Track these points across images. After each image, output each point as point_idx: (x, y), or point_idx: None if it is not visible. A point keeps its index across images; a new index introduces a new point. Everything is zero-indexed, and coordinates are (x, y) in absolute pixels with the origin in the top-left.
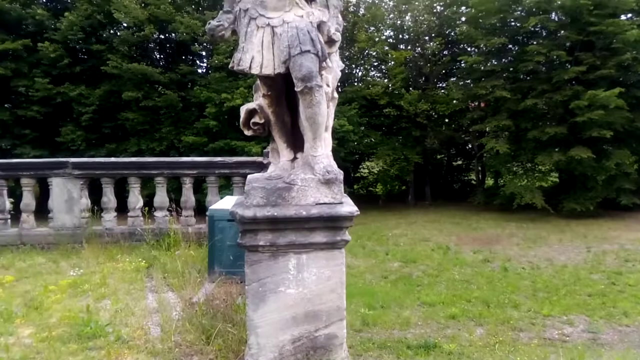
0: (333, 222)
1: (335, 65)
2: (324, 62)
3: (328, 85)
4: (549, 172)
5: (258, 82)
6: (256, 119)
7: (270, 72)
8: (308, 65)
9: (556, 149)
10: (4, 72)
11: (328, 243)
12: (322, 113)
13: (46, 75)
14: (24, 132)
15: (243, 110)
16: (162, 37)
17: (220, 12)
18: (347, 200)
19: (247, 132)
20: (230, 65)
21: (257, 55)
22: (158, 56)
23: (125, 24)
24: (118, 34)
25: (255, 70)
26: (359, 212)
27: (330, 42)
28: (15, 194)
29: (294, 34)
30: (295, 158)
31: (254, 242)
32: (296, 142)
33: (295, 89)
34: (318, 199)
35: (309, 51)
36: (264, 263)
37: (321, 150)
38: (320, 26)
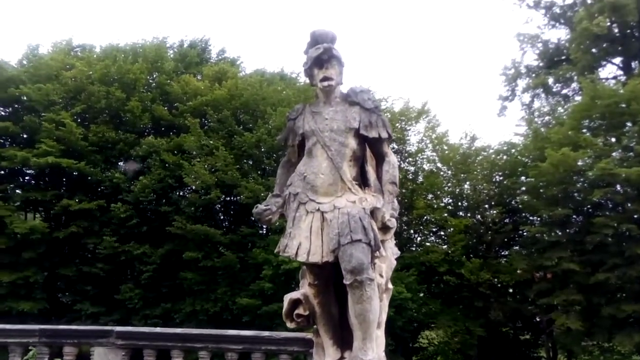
0: None
1: (390, 253)
2: (377, 252)
3: (381, 276)
4: (630, 354)
5: (304, 268)
6: (300, 310)
7: (318, 260)
8: (359, 257)
9: (636, 328)
10: (77, 230)
11: None
12: (373, 310)
13: (114, 234)
14: (86, 289)
15: (286, 300)
16: (227, 199)
17: (269, 195)
18: None
19: (290, 325)
20: (275, 251)
21: (304, 241)
22: (221, 217)
23: (193, 187)
24: (186, 195)
25: (301, 258)
26: None
27: (384, 228)
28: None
29: (344, 221)
30: (342, 358)
31: None
32: (344, 337)
33: (345, 281)
34: None
35: (360, 240)
36: None
37: (372, 353)
38: (373, 212)
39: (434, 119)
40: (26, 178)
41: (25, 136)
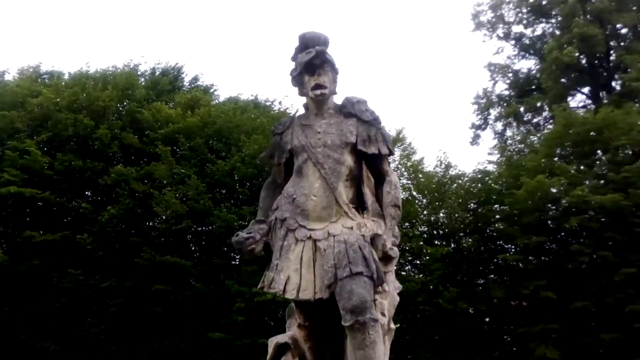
0: None
1: (392, 287)
2: (380, 286)
3: (383, 314)
4: None
5: (292, 306)
6: (288, 357)
7: (309, 297)
8: (360, 293)
9: (615, 357)
10: (39, 263)
11: None
12: (377, 356)
13: (79, 266)
14: (48, 325)
15: (271, 345)
16: (199, 229)
17: (252, 221)
18: None
19: None
20: (259, 286)
21: (293, 275)
22: (193, 248)
23: (164, 217)
24: (156, 226)
25: (290, 295)
26: None
27: (386, 258)
28: None
29: (341, 250)
30: None
31: None
32: None
33: (343, 322)
34: None
35: (361, 273)
36: None
37: None
38: (374, 240)
39: (409, 146)
40: None
41: None
